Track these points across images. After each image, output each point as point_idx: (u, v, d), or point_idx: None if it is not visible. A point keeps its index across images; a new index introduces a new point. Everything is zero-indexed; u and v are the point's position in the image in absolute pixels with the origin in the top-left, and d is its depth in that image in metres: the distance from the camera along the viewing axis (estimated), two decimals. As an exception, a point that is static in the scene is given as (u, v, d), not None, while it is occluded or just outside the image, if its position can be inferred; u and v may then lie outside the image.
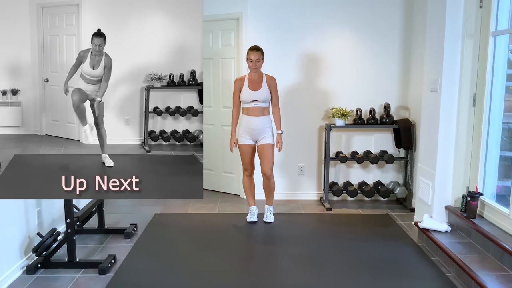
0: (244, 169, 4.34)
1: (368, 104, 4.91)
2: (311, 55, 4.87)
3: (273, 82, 4.18)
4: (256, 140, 4.23)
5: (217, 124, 5.30)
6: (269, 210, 4.37)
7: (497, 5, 3.41)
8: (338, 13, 4.81)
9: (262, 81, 4.13)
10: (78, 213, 3.67)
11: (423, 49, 4.23)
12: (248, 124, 4.16)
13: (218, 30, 5.09)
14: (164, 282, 3.13)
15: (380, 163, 5.03)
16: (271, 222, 4.31)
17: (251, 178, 4.39)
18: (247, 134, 4.20)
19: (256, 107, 4.13)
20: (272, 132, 4.24)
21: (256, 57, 4.04)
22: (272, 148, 4.21)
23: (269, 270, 3.32)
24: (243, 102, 4.17)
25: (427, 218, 3.76)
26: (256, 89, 4.11)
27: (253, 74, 4.14)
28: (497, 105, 3.49)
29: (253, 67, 4.07)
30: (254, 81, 4.13)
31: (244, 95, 4.13)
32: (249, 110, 4.15)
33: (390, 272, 3.27)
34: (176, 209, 4.76)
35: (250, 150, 4.24)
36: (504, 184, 3.55)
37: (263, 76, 4.15)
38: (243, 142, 4.23)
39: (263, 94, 4.11)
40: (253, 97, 4.10)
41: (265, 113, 4.18)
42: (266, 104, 4.18)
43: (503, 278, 2.86)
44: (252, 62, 4.05)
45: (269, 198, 4.39)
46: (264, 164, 4.20)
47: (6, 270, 3.10)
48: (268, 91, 4.14)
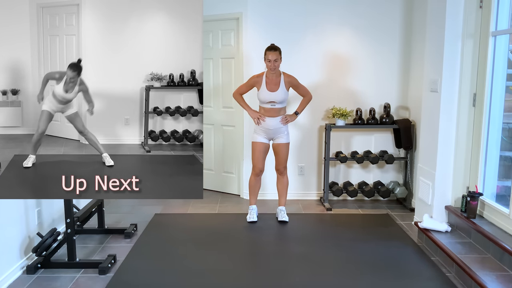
0: (254, 167, 4.28)
1: (368, 104, 4.91)
2: (311, 55, 4.87)
3: (293, 80, 4.14)
4: (271, 139, 4.23)
5: (217, 124, 5.30)
6: (282, 210, 4.35)
7: (497, 5, 3.41)
8: (338, 13, 4.81)
9: (280, 82, 4.07)
10: (78, 213, 3.67)
11: (423, 49, 4.23)
12: (265, 124, 4.13)
13: (218, 30, 5.09)
14: (164, 282, 3.13)
15: (380, 163, 5.03)
16: (287, 221, 4.28)
17: (258, 179, 4.34)
18: (263, 132, 4.17)
19: (273, 108, 4.10)
20: (287, 131, 4.22)
21: (274, 57, 3.99)
22: (287, 147, 4.22)
23: (269, 270, 3.32)
24: (260, 102, 4.14)
25: (427, 218, 3.76)
26: (273, 90, 4.06)
27: (271, 74, 4.08)
28: (497, 105, 3.49)
29: (272, 68, 4.01)
30: (272, 82, 4.07)
31: (262, 96, 4.09)
32: (266, 110, 4.12)
33: (390, 272, 3.27)
34: (176, 209, 4.76)
35: (264, 149, 4.21)
36: (504, 184, 3.55)
37: (281, 76, 4.10)
38: (258, 140, 4.20)
39: (281, 95, 4.06)
40: (270, 98, 4.06)
41: (281, 113, 4.14)
42: (283, 105, 4.14)
43: (503, 278, 2.86)
44: (271, 63, 4.00)
45: (282, 197, 4.37)
46: (278, 161, 4.24)
47: (6, 270, 3.10)
48: (285, 92, 4.09)
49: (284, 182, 4.34)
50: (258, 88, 4.11)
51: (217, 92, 5.24)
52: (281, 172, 4.29)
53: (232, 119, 5.14)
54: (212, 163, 5.43)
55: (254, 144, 4.23)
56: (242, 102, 4.24)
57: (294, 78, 4.15)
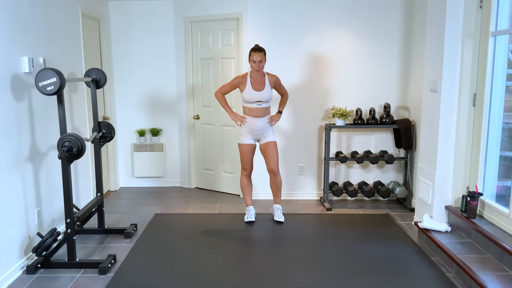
0: (243, 168, 4.34)
1: (368, 104, 4.91)
2: (311, 55, 4.87)
3: (277, 79, 4.22)
4: (257, 139, 4.26)
5: (217, 124, 5.30)
6: (279, 209, 4.38)
7: (497, 5, 3.41)
8: (338, 13, 4.81)
9: (265, 81, 4.14)
10: (78, 213, 3.66)
11: (423, 49, 4.23)
12: (251, 124, 4.17)
13: (218, 30, 5.09)
14: (164, 282, 3.13)
15: (380, 163, 5.03)
16: (283, 222, 4.31)
17: (249, 178, 4.40)
18: (249, 134, 4.21)
19: (259, 108, 4.14)
20: (273, 130, 4.28)
21: (259, 58, 4.04)
22: (275, 146, 4.25)
23: (269, 270, 3.32)
24: (246, 102, 4.16)
25: (427, 218, 3.76)
26: (259, 89, 4.12)
27: (256, 74, 4.14)
28: (497, 105, 3.49)
29: (256, 68, 4.07)
30: (257, 81, 4.13)
31: (247, 96, 4.12)
32: (252, 110, 4.15)
33: (390, 272, 3.27)
34: (176, 209, 4.77)
35: (251, 150, 4.26)
36: (504, 184, 3.55)
37: (265, 76, 4.16)
38: (244, 142, 4.23)
39: (267, 94, 4.12)
40: (257, 98, 4.10)
41: (267, 113, 4.21)
42: (269, 104, 4.20)
43: (503, 278, 2.86)
44: (255, 64, 4.05)
45: (277, 196, 4.40)
46: (270, 161, 4.24)
47: (6, 270, 3.10)
48: (270, 90, 4.15)
49: (278, 182, 4.34)
50: (242, 88, 4.13)
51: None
52: (274, 172, 4.28)
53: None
54: (212, 163, 5.43)
55: (241, 146, 4.26)
56: (223, 102, 4.26)
57: (278, 78, 4.24)
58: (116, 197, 5.23)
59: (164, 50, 5.40)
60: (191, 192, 5.44)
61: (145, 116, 5.56)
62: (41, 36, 3.62)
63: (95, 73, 3.86)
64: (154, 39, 5.39)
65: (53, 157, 3.77)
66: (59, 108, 3.17)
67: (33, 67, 3.42)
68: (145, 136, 5.58)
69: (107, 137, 4.02)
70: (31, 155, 3.45)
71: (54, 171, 3.80)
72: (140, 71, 5.45)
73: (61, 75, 3.03)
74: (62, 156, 3.16)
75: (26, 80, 3.36)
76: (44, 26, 3.67)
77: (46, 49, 3.69)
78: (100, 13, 5.04)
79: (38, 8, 3.58)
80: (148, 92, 5.50)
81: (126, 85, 5.48)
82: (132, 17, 5.35)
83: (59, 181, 3.78)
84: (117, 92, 5.49)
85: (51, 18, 3.80)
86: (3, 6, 3.09)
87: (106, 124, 3.99)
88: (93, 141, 3.90)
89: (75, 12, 4.31)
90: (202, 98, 5.36)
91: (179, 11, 5.28)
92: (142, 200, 5.12)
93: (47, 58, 3.68)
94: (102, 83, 3.90)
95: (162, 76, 5.46)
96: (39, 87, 3.01)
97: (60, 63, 3.91)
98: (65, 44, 4.07)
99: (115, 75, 5.46)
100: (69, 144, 3.11)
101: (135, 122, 5.56)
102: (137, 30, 5.37)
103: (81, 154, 3.16)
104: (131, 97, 5.51)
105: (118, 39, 5.38)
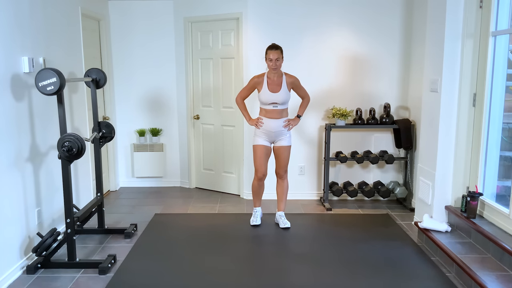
0: (257, 171, 4.13)
1: (368, 104, 4.91)
2: (311, 54, 4.87)
3: (295, 80, 4.05)
4: (273, 142, 4.12)
5: (217, 124, 5.30)
6: (282, 216, 4.24)
7: (497, 5, 3.41)
8: (338, 13, 4.81)
9: (282, 82, 3.98)
10: (78, 213, 3.66)
11: (423, 49, 4.23)
12: (266, 126, 4.03)
13: (218, 30, 5.09)
14: (164, 282, 3.13)
15: (380, 163, 5.03)
16: (289, 227, 4.18)
17: (262, 183, 4.22)
18: (265, 135, 4.07)
19: (275, 110, 4.00)
20: (290, 134, 4.13)
21: (275, 56, 3.90)
22: (288, 150, 4.12)
23: (269, 270, 3.32)
24: (262, 103, 4.03)
25: (427, 218, 3.76)
26: (275, 90, 3.96)
27: (272, 74, 3.99)
28: (497, 105, 3.49)
29: (273, 67, 3.92)
30: (273, 82, 3.98)
31: (263, 97, 3.98)
32: (268, 112, 4.02)
33: (390, 272, 3.27)
34: (176, 209, 4.77)
35: (265, 152, 4.10)
36: (504, 184, 3.55)
37: (283, 76, 4.02)
38: (259, 143, 4.08)
39: (283, 96, 3.97)
40: (272, 99, 3.96)
41: (283, 115, 4.05)
42: (285, 106, 4.05)
43: (503, 278, 2.86)
44: (272, 62, 3.91)
45: (282, 201, 4.26)
46: (279, 164, 4.14)
47: (6, 270, 3.10)
48: (287, 92, 3.99)
49: (284, 187, 4.24)
50: (259, 89, 4.01)
51: (217, 92, 5.24)
52: (281, 176, 4.19)
53: (232, 119, 5.14)
54: (212, 163, 5.43)
55: (255, 147, 4.11)
56: (242, 109, 4.15)
57: (296, 79, 4.08)
58: (116, 197, 5.23)
59: (164, 50, 5.40)
60: (191, 192, 5.44)
61: (145, 116, 5.56)
62: (41, 36, 3.62)
63: (95, 73, 3.86)
64: (154, 39, 5.39)
65: (53, 157, 3.77)
66: (59, 108, 3.17)
67: (33, 67, 3.42)
68: (145, 136, 5.58)
69: (107, 137, 4.02)
70: (31, 155, 3.44)
71: (54, 171, 3.80)
72: (140, 71, 5.45)
73: (61, 75, 3.03)
74: (62, 156, 3.16)
75: (26, 80, 3.36)
76: (44, 26, 3.67)
77: (46, 49, 3.69)
78: (100, 13, 5.04)
79: (38, 8, 3.58)
80: (148, 92, 5.50)
81: (126, 85, 5.48)
82: (132, 17, 5.35)
83: (59, 181, 3.78)
84: (117, 92, 5.49)
85: (51, 18, 3.80)
86: (3, 6, 3.09)
87: (106, 124, 3.99)
88: (93, 141, 3.90)
89: (75, 12, 4.31)
90: (202, 98, 5.36)
91: (179, 11, 5.28)
92: (142, 200, 5.12)
93: (47, 58, 3.68)
94: (102, 83, 3.90)
95: (162, 76, 5.46)
96: (39, 87, 3.02)
97: (60, 63, 3.91)
98: (65, 44, 4.07)
99: (115, 75, 5.46)
100: (69, 144, 3.11)
101: (135, 122, 5.56)
102: (137, 30, 5.38)
103: (81, 154, 3.16)
104: (131, 97, 5.51)
105: (118, 39, 5.38)
